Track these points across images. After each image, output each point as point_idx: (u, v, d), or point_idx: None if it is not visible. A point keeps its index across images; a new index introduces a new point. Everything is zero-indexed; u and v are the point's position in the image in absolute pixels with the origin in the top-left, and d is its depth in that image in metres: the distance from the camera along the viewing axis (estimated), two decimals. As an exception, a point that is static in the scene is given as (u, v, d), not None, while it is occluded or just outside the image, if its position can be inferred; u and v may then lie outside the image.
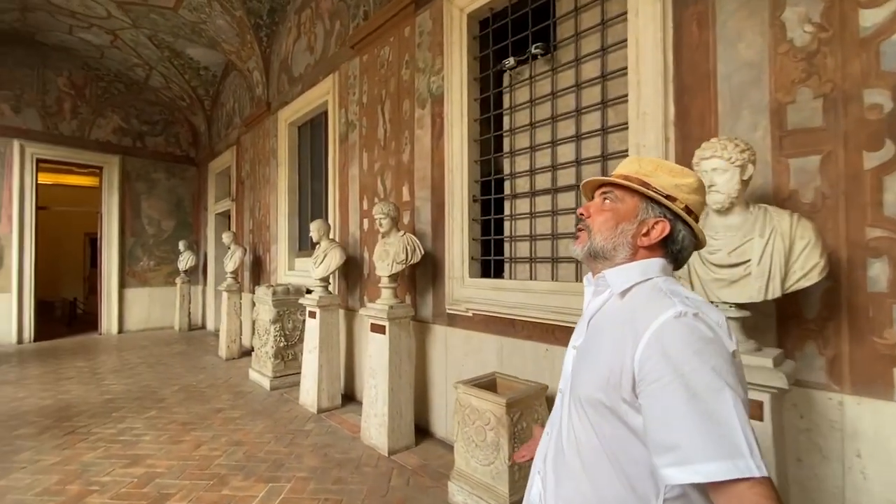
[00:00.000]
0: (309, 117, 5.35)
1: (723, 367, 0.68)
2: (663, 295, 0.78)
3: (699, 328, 0.71)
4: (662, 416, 0.68)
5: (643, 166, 0.89)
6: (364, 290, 4.14)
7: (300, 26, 5.35)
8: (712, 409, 0.64)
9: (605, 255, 0.87)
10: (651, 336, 0.71)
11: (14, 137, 7.04)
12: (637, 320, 0.76)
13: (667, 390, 0.67)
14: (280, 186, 5.72)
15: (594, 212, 0.90)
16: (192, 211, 9.07)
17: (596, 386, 0.77)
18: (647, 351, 0.71)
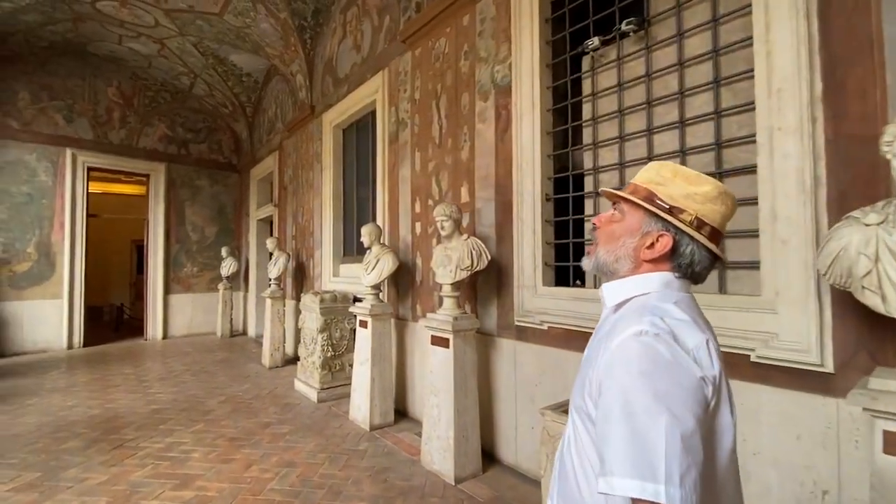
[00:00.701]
0: (355, 119, 5.17)
1: (670, 392, 0.66)
2: (643, 311, 0.77)
3: (655, 349, 0.70)
4: (601, 428, 0.70)
5: (660, 173, 0.85)
6: (417, 298, 3.87)
7: (345, 25, 5.19)
8: (642, 430, 0.64)
9: (609, 268, 0.87)
10: (612, 351, 0.73)
11: (67, 146, 7.22)
12: (612, 334, 0.77)
13: (609, 405, 0.69)
14: (324, 191, 5.56)
15: (602, 224, 0.90)
16: (234, 217, 9.12)
17: (580, 394, 0.80)
18: (604, 364, 0.74)
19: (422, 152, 3.84)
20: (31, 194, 6.91)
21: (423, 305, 3.77)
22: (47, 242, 7.01)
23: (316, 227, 5.86)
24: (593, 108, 2.61)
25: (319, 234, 5.75)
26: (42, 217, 6.98)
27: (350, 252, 5.40)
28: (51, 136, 7.11)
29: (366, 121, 5.04)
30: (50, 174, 7.08)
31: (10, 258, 6.73)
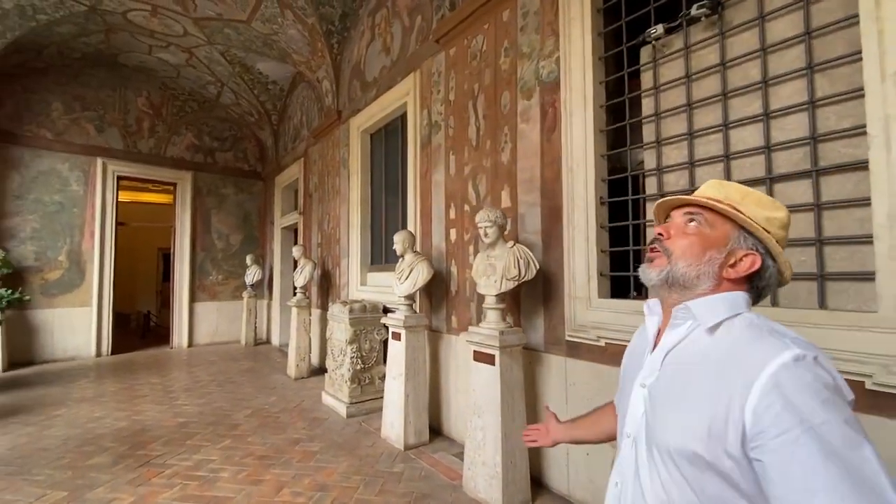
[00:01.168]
0: (384, 123, 5.04)
1: (851, 416, 0.61)
2: (767, 334, 0.70)
3: (822, 374, 0.64)
4: (797, 475, 0.59)
5: (730, 193, 0.81)
6: (452, 309, 3.66)
7: (374, 28, 5.08)
8: (856, 467, 0.57)
9: (686, 283, 0.80)
10: (767, 382, 0.63)
11: (98, 156, 7.30)
12: (742, 363, 0.68)
13: (797, 446, 0.59)
14: (352, 197, 5.43)
15: (676, 234, 0.83)
16: (258, 225, 9.11)
17: (692, 436, 0.69)
18: (765, 400, 0.63)
19: (457, 155, 3.65)
20: (62, 203, 6.99)
21: (459, 317, 3.57)
22: (78, 251, 7.08)
23: (342, 235, 5.73)
24: (656, 103, 2.38)
25: (346, 241, 5.61)
26: (73, 226, 7.05)
27: (378, 260, 5.24)
28: (83, 146, 7.20)
29: (395, 125, 4.90)
30: (81, 183, 7.16)
31: (42, 266, 6.80)
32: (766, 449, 0.61)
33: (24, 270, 6.65)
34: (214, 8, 5.78)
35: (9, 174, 6.60)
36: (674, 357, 0.80)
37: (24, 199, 6.69)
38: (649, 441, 0.77)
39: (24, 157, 6.72)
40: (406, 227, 4.38)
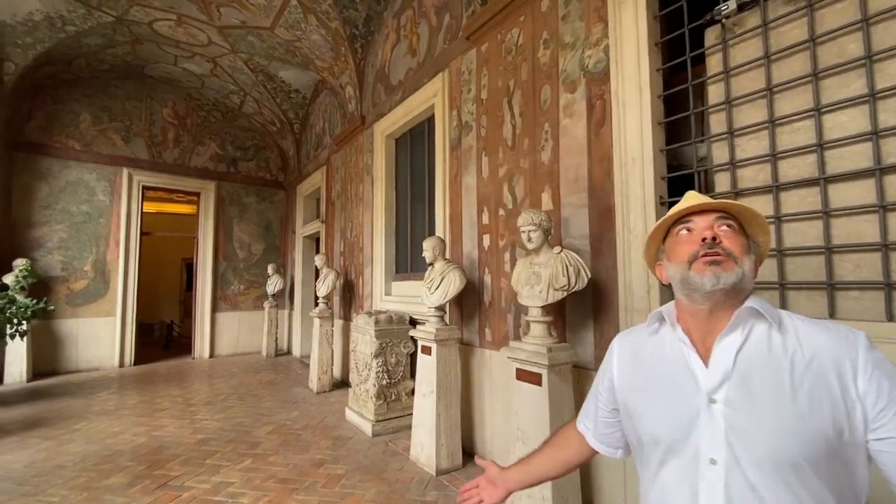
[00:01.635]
0: (409, 127, 4.86)
1: None
2: (821, 323, 0.79)
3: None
4: None
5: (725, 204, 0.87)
6: (486, 321, 3.40)
7: (399, 30, 4.93)
8: None
9: (745, 285, 0.81)
10: (867, 366, 0.70)
11: (124, 166, 7.34)
12: (832, 352, 0.73)
13: None
14: (376, 204, 5.25)
15: (726, 239, 0.83)
16: (280, 234, 9.05)
17: (803, 439, 0.69)
18: (874, 382, 0.69)
19: (490, 157, 3.42)
20: (89, 213, 7.03)
21: (494, 330, 3.30)
22: (103, 260, 7.09)
23: (366, 243, 5.55)
24: (726, 89, 2.10)
25: (370, 250, 5.42)
26: (99, 236, 7.07)
27: (403, 269, 5.02)
28: (109, 157, 7.25)
29: (421, 128, 4.71)
30: (107, 194, 7.20)
31: (68, 276, 6.82)
32: (893, 425, 0.67)
33: (51, 280, 6.68)
34: (238, 15, 5.75)
35: (38, 185, 6.67)
36: (744, 363, 0.77)
37: (52, 209, 6.74)
38: (746, 462, 0.72)
39: (52, 167, 6.78)
40: (434, 233, 4.16)
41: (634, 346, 0.96)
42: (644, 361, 0.92)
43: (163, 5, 5.57)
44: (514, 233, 3.15)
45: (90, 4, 5.40)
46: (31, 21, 5.54)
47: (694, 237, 0.84)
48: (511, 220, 3.18)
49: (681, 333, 0.86)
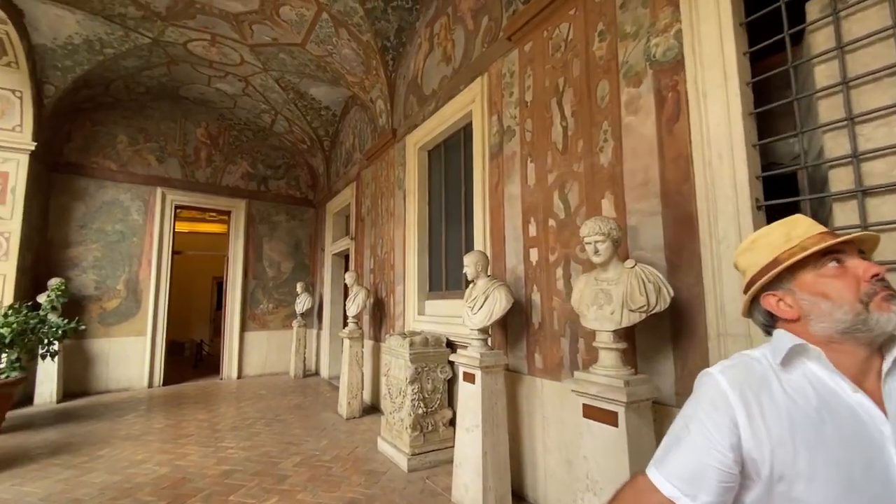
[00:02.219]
0: (443, 137, 4.62)
1: None
2: None
3: None
4: None
5: None
6: (534, 345, 3.04)
7: (432, 38, 4.75)
8: None
9: None
10: None
11: (157, 186, 7.41)
12: None
13: None
14: (408, 219, 5.01)
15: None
16: (309, 252, 8.94)
17: None
18: None
19: (537, 162, 3.12)
20: (123, 232, 7.07)
21: (546, 356, 2.94)
22: (135, 280, 7.09)
23: (397, 260, 5.29)
24: (841, 67, 1.74)
25: (402, 267, 5.16)
26: (132, 255, 7.10)
27: (437, 287, 4.72)
28: (144, 176, 7.34)
29: (456, 138, 4.46)
30: (141, 213, 7.25)
31: (101, 295, 6.83)
32: None
33: (84, 299, 6.69)
34: (270, 33, 5.73)
35: (75, 205, 6.76)
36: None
37: (87, 229, 6.81)
38: None
39: (89, 187, 6.88)
40: (472, 248, 3.85)
41: (759, 388, 0.79)
42: (782, 408, 0.76)
43: (197, 25, 5.61)
44: (567, 245, 2.82)
45: (127, 26, 5.48)
46: (71, 44, 5.67)
47: (850, 272, 0.80)
48: (564, 232, 2.85)
49: (841, 377, 0.78)
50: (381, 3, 4.89)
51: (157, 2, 5.13)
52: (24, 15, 5.17)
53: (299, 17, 5.33)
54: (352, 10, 4.97)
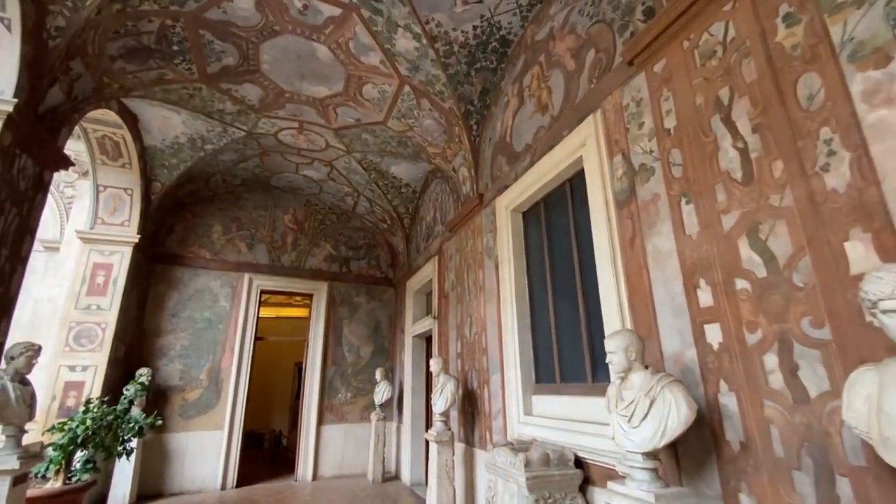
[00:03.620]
0: (543, 194, 3.94)
1: None
2: None
3: None
4: None
5: None
6: (738, 480, 1.92)
7: (522, 92, 4.31)
8: None
9: None
10: None
11: (246, 272, 7.48)
12: None
13: None
14: (503, 292, 4.22)
15: None
16: (388, 334, 8.38)
17: None
18: None
19: (698, 202, 2.25)
20: (210, 319, 7.05)
21: (756, 490, 1.81)
22: (217, 368, 6.89)
23: (491, 343, 4.42)
24: None
25: (497, 351, 4.27)
26: (216, 342, 6.99)
27: (547, 378, 3.73)
28: (234, 263, 7.47)
29: (560, 192, 3.75)
30: (229, 299, 7.26)
31: (185, 385, 6.66)
32: None
33: (169, 390, 6.54)
34: (353, 114, 5.74)
35: (170, 293, 6.92)
36: None
37: (178, 317, 6.87)
38: None
39: (184, 276, 7.08)
40: (598, 325, 2.92)
41: None
42: None
43: (286, 114, 5.79)
44: (782, 318, 1.81)
45: (225, 121, 5.78)
46: (177, 143, 6.09)
47: None
48: (771, 297, 1.87)
49: None
50: (464, 67, 4.63)
51: (250, 95, 5.36)
52: (138, 120, 5.66)
53: (381, 93, 5.26)
54: (434, 79, 4.77)
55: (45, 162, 3.88)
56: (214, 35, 4.40)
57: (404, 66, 4.75)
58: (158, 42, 4.31)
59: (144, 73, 4.58)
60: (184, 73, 4.77)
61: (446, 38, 4.35)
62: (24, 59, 3.39)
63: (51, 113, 3.87)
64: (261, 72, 5.01)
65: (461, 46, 4.45)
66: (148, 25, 4.09)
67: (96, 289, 5.83)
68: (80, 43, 3.80)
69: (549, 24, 3.93)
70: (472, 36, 4.36)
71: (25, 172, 3.61)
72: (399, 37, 4.39)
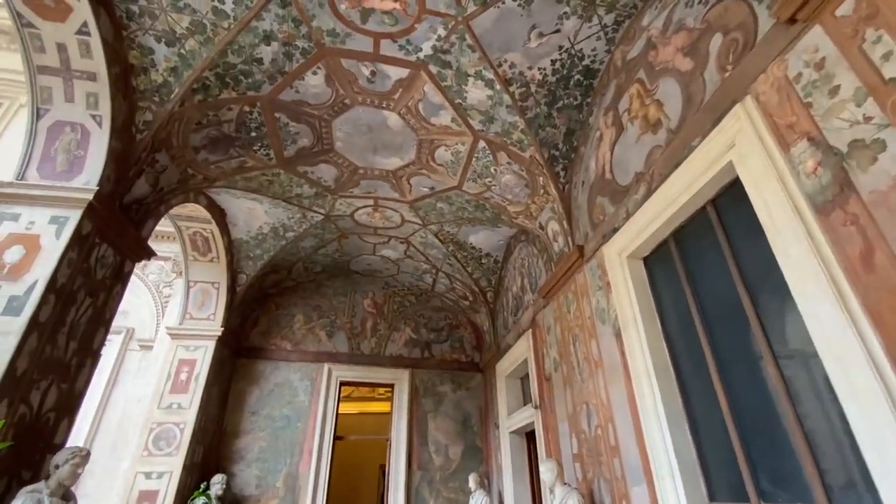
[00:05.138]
0: (671, 228, 3.03)
1: None
2: None
3: None
4: None
5: None
6: None
7: (618, 120, 3.64)
8: None
9: None
10: None
11: (325, 362, 7.04)
12: None
13: None
14: (634, 367, 3.15)
15: None
16: (480, 430, 7.19)
17: None
18: None
19: None
20: (289, 417, 6.54)
21: None
22: (294, 473, 6.18)
23: (625, 439, 3.24)
24: None
25: (635, 451, 3.08)
26: (294, 443, 6.37)
27: (730, 491, 2.47)
28: (314, 353, 7.11)
29: (700, 220, 2.82)
30: (308, 393, 6.77)
31: (260, 495, 5.98)
32: None
33: (245, 500, 5.89)
34: (427, 183, 5.44)
35: (250, 389, 6.61)
36: None
37: (257, 416, 6.45)
38: None
39: (265, 370, 6.79)
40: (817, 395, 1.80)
41: None
42: None
43: (361, 192, 5.65)
44: None
45: (303, 206, 5.76)
46: (261, 234, 6.17)
47: None
48: None
49: None
50: (544, 109, 4.14)
51: (326, 176, 5.31)
52: (226, 213, 5.84)
53: (454, 155, 4.92)
54: (510, 127, 4.31)
55: (127, 252, 3.85)
56: (289, 117, 4.43)
57: (477, 119, 4.39)
58: (238, 129, 4.41)
59: (226, 163, 4.69)
60: (262, 159, 4.83)
61: (521, 79, 3.94)
62: (111, 152, 3.48)
63: (136, 204, 3.93)
64: (335, 150, 4.95)
65: (539, 85, 3.99)
66: (228, 114, 4.21)
67: (179, 386, 5.65)
68: (165, 136, 3.93)
69: (643, 37, 3.34)
70: (551, 72, 3.90)
71: (104, 261, 3.55)
72: (470, 87, 4.07)
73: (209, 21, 3.44)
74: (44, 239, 3.10)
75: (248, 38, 3.58)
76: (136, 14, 3.36)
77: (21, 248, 3.05)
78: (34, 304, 2.86)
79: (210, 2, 3.33)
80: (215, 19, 3.43)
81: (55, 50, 3.29)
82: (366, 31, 3.66)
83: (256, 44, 3.65)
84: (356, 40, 3.73)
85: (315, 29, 3.60)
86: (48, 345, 3.00)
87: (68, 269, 3.14)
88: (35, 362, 2.89)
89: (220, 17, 3.42)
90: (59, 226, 3.16)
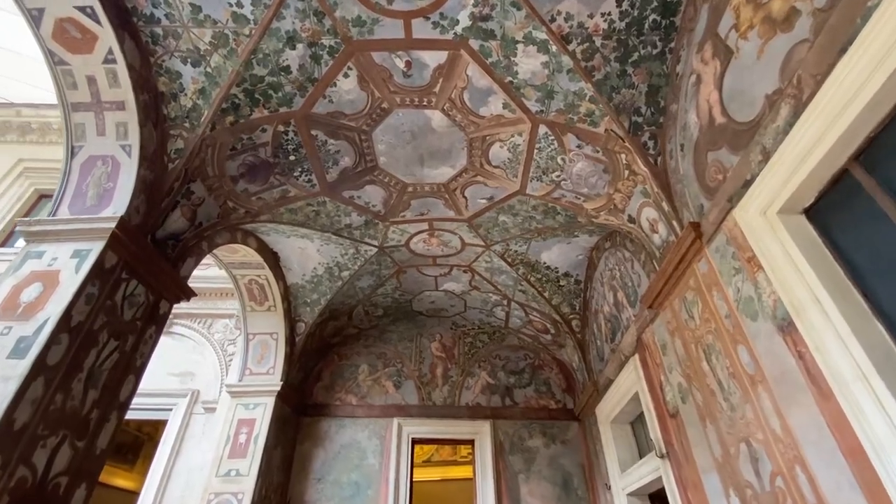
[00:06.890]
0: (850, 150, 2.00)
1: None
2: None
3: None
4: None
5: None
6: None
7: (722, 45, 2.77)
8: None
9: None
10: None
11: (394, 416, 6.22)
12: None
13: None
14: (834, 369, 2.01)
15: None
16: (587, 495, 5.78)
17: None
18: None
19: None
20: (358, 483, 5.69)
21: None
22: (367, 556, 5.21)
23: (833, 491, 2.02)
24: None
25: (866, 509, 1.86)
26: (364, 515, 5.46)
27: None
28: (381, 407, 6.34)
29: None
30: (377, 455, 5.93)
31: (330, 583, 5.04)
32: None
33: (313, 590, 4.98)
34: (484, 192, 4.78)
35: (315, 452, 5.91)
36: None
37: (323, 482, 5.68)
38: None
39: (330, 429, 6.11)
40: None
41: None
42: None
43: (413, 215, 5.11)
44: None
45: (354, 237, 5.31)
46: (316, 276, 5.78)
47: None
48: None
49: None
50: (615, 66, 3.38)
51: (374, 200, 4.86)
52: (279, 257, 5.54)
53: (512, 150, 4.25)
54: (575, 97, 3.58)
55: (162, 291, 3.50)
56: (327, 133, 4.08)
57: (533, 98, 3.72)
58: (275, 154, 4.12)
59: (268, 193, 4.39)
60: (305, 185, 4.48)
61: (582, 32, 3.25)
62: (140, 182, 3.23)
63: (172, 239, 3.64)
64: (379, 167, 4.51)
65: (605, 37, 3.27)
66: (262, 136, 3.93)
67: (238, 449, 5.11)
68: (199, 164, 3.68)
69: (739, -70, 2.55)
70: (618, 16, 3.17)
71: (134, 300, 3.19)
72: (520, 57, 3.45)
73: (230, 30, 3.22)
74: (63, 274, 2.79)
75: (271, 42, 3.31)
76: (161, 36, 3.23)
77: (40, 284, 2.75)
78: (41, 345, 2.47)
79: (229, 8, 3.12)
80: (236, 27, 3.20)
81: (86, 84, 3.20)
82: (394, 13, 3.24)
83: (281, 49, 3.36)
84: (385, 26, 3.31)
85: (339, 20, 3.25)
86: (59, 393, 2.57)
87: (87, 306, 2.77)
88: (41, 414, 2.44)
89: (241, 24, 3.19)
90: (80, 259, 2.85)
